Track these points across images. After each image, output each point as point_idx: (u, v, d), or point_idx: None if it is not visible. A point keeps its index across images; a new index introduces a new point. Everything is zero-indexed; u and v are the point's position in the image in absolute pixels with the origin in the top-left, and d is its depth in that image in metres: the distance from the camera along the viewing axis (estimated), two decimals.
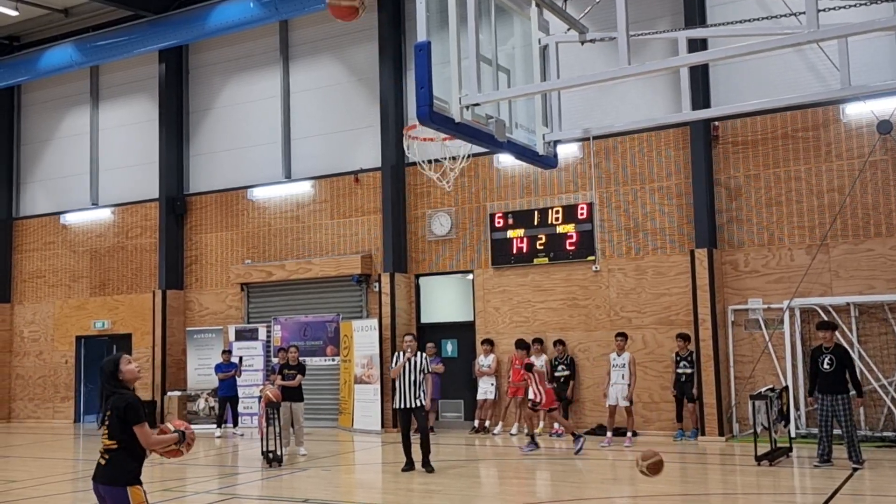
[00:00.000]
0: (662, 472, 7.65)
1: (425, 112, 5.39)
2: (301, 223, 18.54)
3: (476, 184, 16.78)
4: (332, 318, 17.73)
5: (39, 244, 22.18)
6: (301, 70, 18.93)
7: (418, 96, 5.38)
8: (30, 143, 22.66)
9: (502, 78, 6.43)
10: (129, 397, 5.40)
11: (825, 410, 11.02)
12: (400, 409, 11.74)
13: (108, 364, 5.49)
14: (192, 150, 20.21)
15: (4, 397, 22.08)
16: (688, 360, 14.24)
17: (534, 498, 10.03)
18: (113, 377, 5.45)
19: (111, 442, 5.34)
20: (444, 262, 16.98)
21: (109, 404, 5.38)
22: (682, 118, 10.34)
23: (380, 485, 11.72)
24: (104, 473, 5.35)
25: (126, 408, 5.31)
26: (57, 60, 20.10)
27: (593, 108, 15.29)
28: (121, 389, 5.43)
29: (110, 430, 5.36)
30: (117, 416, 5.32)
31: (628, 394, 14.03)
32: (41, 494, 10.94)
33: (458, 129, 5.69)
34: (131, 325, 20.50)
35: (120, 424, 5.32)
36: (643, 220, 15.26)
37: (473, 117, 5.89)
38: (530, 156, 6.67)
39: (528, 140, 6.70)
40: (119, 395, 5.39)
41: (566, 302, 15.72)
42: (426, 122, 5.42)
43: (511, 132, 6.47)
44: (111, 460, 5.35)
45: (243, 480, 12.06)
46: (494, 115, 6.14)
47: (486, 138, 6.02)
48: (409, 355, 11.76)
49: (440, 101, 5.50)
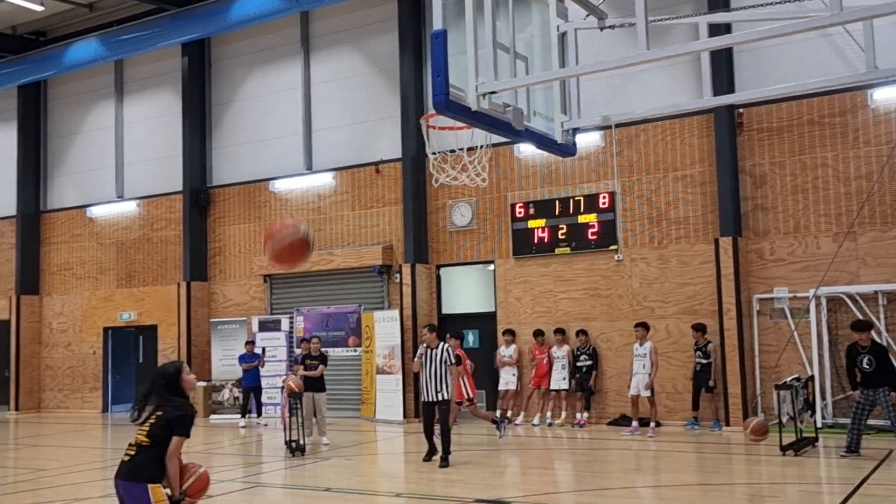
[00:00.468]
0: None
1: (441, 101, 5.37)
2: (322, 214, 18.60)
3: (497, 174, 16.70)
4: (354, 309, 17.78)
5: (67, 237, 22.44)
6: (322, 61, 18.95)
7: (434, 85, 5.37)
8: (56, 138, 22.90)
9: (520, 66, 6.39)
10: (187, 409, 5.38)
11: (866, 402, 10.93)
12: (424, 402, 11.66)
13: (170, 370, 5.48)
14: (215, 143, 20.32)
15: (34, 388, 22.40)
16: (703, 350, 14.20)
17: (556, 487, 10.01)
18: (174, 384, 5.43)
19: (147, 439, 5.30)
20: (466, 253, 16.96)
21: (161, 409, 5.33)
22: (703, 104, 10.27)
23: (401, 474, 11.76)
24: (127, 468, 5.29)
25: (180, 418, 5.29)
26: (82, 55, 20.27)
27: (616, 96, 15.17)
28: (178, 398, 5.41)
29: (151, 430, 5.31)
30: (166, 422, 5.28)
31: (648, 382, 13.95)
32: (69, 483, 11.09)
33: (474, 117, 5.67)
34: (157, 316, 20.69)
35: (165, 430, 5.28)
36: (666, 209, 15.13)
37: (490, 106, 5.86)
38: (549, 144, 6.62)
39: (546, 128, 6.66)
40: (177, 403, 5.35)
41: (588, 292, 15.65)
42: (442, 110, 5.40)
43: (529, 120, 6.44)
44: (138, 456, 5.29)
45: (267, 469, 12.14)
46: (512, 104, 6.10)
47: (503, 127, 5.99)
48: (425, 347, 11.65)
49: (456, 90, 5.48)
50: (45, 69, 21.12)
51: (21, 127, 22.65)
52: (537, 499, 9.07)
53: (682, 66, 14.79)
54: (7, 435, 18.21)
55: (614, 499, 9.02)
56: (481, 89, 5.55)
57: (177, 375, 5.46)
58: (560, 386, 15.35)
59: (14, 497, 10.57)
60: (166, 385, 5.41)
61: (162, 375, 5.46)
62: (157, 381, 5.43)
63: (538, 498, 9.12)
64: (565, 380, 15.30)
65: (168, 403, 5.35)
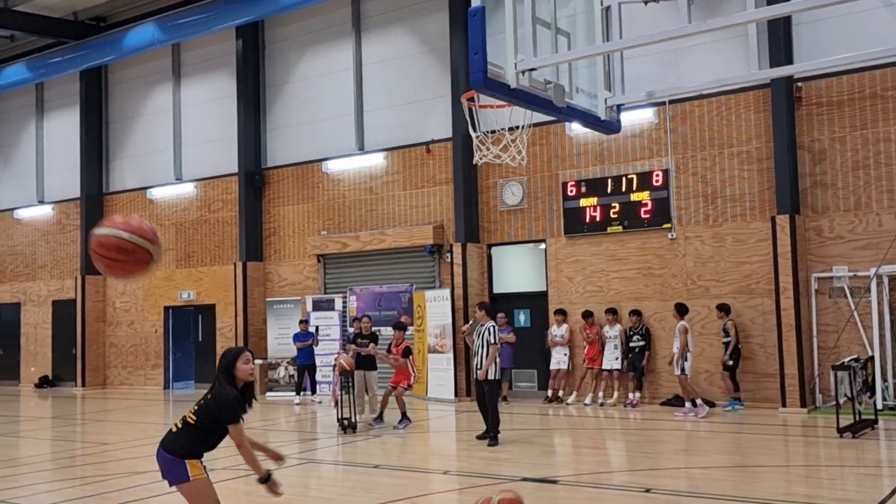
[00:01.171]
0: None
1: (479, 78, 5.33)
2: (374, 194, 18.71)
3: (548, 152, 16.58)
4: (406, 289, 17.89)
5: None
6: (373, 41, 18.99)
7: (472, 62, 5.33)
8: (117, 121, 23.44)
9: (562, 42, 6.29)
10: (228, 398, 5.27)
11: None
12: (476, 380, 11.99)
13: (228, 356, 5.42)
14: (269, 125, 20.56)
15: (100, 365, 23.11)
16: (723, 330, 14.24)
17: (605, 468, 9.97)
18: (227, 371, 5.36)
19: (194, 417, 5.32)
20: (517, 232, 16.89)
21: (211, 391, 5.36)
22: (757, 77, 9.97)
23: (450, 452, 11.84)
24: (169, 438, 5.33)
25: (220, 408, 5.25)
26: (140, 39, 20.67)
27: (669, 72, 14.89)
28: (226, 386, 5.31)
29: (199, 410, 5.33)
30: (212, 408, 5.28)
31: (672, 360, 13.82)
32: (131, 456, 11.44)
33: (513, 95, 5.62)
34: (215, 295, 21.13)
35: (208, 414, 5.29)
36: (721, 187, 14.84)
37: (531, 83, 5.80)
38: (592, 121, 6.53)
39: (589, 105, 6.57)
40: (224, 391, 5.28)
41: (641, 271, 15.46)
42: (480, 88, 5.37)
43: (572, 97, 6.35)
44: (182, 431, 5.32)
45: (319, 446, 12.34)
46: (553, 81, 6.03)
47: (544, 104, 5.93)
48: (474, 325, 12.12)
49: (495, 67, 5.43)
50: (105, 54, 21.60)
51: (84, 111, 23.24)
52: (585, 478, 9.05)
53: (738, 41, 14.41)
54: (74, 410, 18.86)
55: (664, 479, 8.94)
56: (520, 66, 5.50)
57: (232, 361, 5.39)
58: (612, 366, 15.25)
59: (81, 469, 10.97)
60: (222, 370, 5.38)
61: (222, 357, 5.45)
62: (219, 362, 5.45)
63: (586, 477, 9.10)
64: (618, 360, 15.20)
65: (218, 388, 5.32)
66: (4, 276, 25.74)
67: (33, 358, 24.80)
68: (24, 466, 11.00)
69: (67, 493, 9.16)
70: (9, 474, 10.28)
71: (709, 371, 14.68)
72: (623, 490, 8.34)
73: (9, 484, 9.62)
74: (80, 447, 13.27)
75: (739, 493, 7.99)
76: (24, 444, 13.64)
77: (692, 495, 7.92)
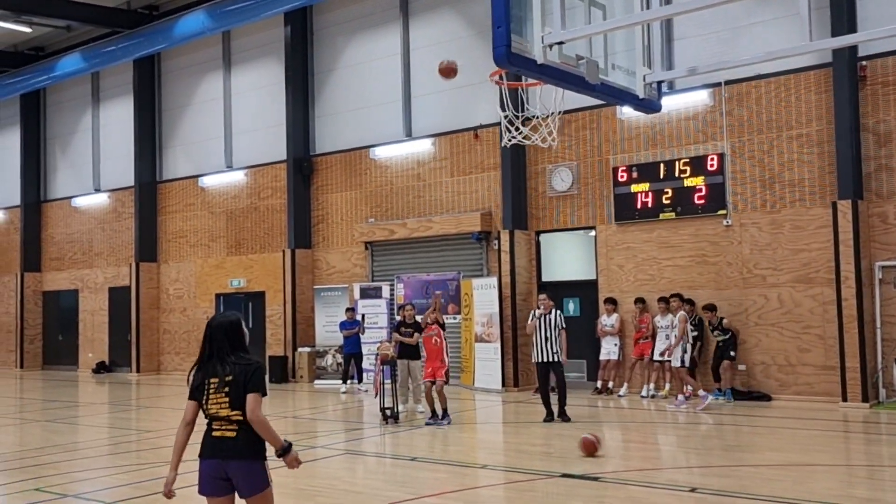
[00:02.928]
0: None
1: (502, 52, 5.02)
2: (422, 181, 18.46)
3: (598, 136, 16.10)
4: (454, 276, 17.62)
5: (181, 206, 23.21)
6: (420, 26, 18.70)
7: (495, 37, 5.01)
8: (170, 110, 23.64)
9: (597, 15, 5.93)
10: (257, 363, 4.78)
11: None
12: (538, 363, 12.53)
13: (233, 321, 4.83)
14: (318, 111, 20.47)
15: (154, 351, 23.42)
16: (719, 328, 14.14)
17: (651, 464, 9.57)
18: (240, 338, 4.81)
19: (236, 412, 4.66)
20: (566, 219, 16.47)
21: (230, 369, 4.69)
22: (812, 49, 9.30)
23: (492, 445, 11.57)
24: (235, 448, 4.66)
25: (254, 373, 4.68)
26: (190, 27, 20.74)
27: (726, 52, 14.30)
28: (245, 354, 4.80)
29: (232, 400, 4.67)
30: (243, 381, 4.66)
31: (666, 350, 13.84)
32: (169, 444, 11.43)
33: (541, 71, 5.29)
34: (264, 283, 21.18)
35: (245, 390, 4.65)
36: (780, 171, 14.19)
37: (561, 58, 5.45)
38: (629, 100, 6.16)
39: (627, 83, 6.18)
40: (245, 360, 4.74)
41: (695, 259, 14.92)
42: (503, 63, 5.05)
43: (607, 74, 5.98)
44: (241, 432, 4.67)
45: (358, 437, 12.18)
46: (586, 56, 5.67)
47: (575, 81, 5.57)
48: (542, 312, 12.47)
49: (519, 42, 5.10)
50: (157, 43, 21.74)
51: (137, 100, 23.49)
52: (629, 475, 8.68)
53: (799, 18, 13.69)
54: (124, 396, 19.13)
55: (712, 478, 8.53)
56: (547, 40, 5.15)
57: (241, 327, 4.85)
58: (664, 357, 14.74)
59: (121, 457, 11.02)
60: (232, 338, 4.77)
61: (221, 327, 4.78)
62: (219, 333, 4.76)
63: (630, 474, 8.73)
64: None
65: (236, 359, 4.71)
66: (63, 263, 26.28)
67: (91, 344, 25.28)
68: (65, 453, 11.08)
69: (99, 483, 9.16)
70: (48, 461, 10.35)
71: (764, 363, 14.09)
72: (666, 489, 7.95)
73: (45, 472, 9.67)
74: (121, 434, 13.36)
75: (791, 493, 7.54)
76: (71, 429, 13.79)
77: (739, 495, 7.49)
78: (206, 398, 4.74)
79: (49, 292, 26.72)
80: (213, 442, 4.72)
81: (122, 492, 8.56)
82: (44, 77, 24.38)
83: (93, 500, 8.14)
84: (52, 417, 15.18)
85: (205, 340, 4.83)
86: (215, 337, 4.78)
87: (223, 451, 4.68)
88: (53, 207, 26.64)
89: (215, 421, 4.72)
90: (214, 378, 4.71)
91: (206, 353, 4.79)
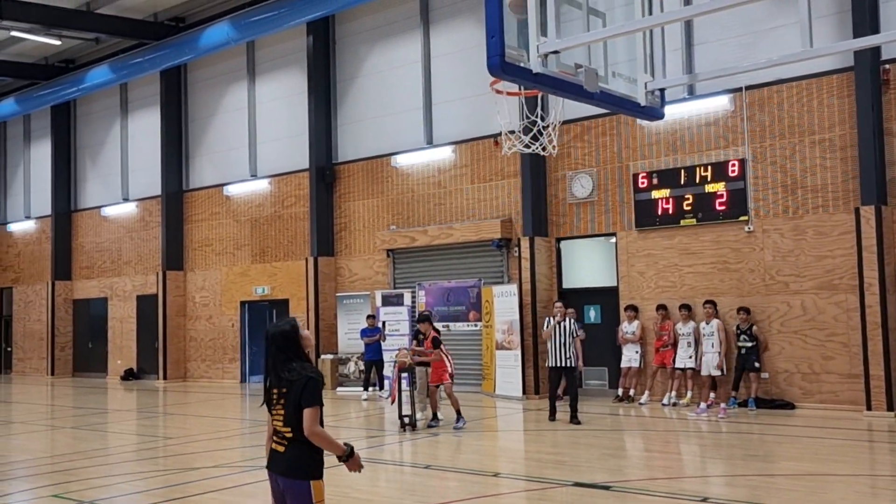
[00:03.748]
0: None
1: (497, 62, 5.01)
2: (442, 188, 18.49)
3: (618, 142, 16.02)
4: (474, 284, 17.62)
5: (206, 214, 23.47)
6: (441, 34, 18.76)
7: (489, 46, 5.01)
8: (196, 120, 23.93)
9: (596, 23, 5.90)
10: (312, 372, 4.55)
11: None
12: (552, 367, 13.26)
13: (286, 330, 4.63)
14: (340, 120, 20.59)
15: (181, 358, 23.68)
16: (748, 333, 13.82)
17: (664, 473, 9.48)
18: (296, 343, 4.61)
19: (287, 428, 4.54)
20: (586, 225, 16.40)
21: (287, 379, 4.54)
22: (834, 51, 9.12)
23: (506, 453, 11.52)
24: (283, 463, 4.59)
25: (305, 386, 4.48)
26: (215, 38, 21.00)
27: (746, 57, 14.16)
28: (302, 361, 4.60)
29: (286, 415, 4.54)
30: (295, 396, 4.50)
31: (719, 362, 13.65)
32: (187, 451, 11.57)
33: (537, 80, 5.27)
34: (288, 290, 21.32)
35: (296, 406, 4.49)
36: (802, 176, 14.02)
37: (558, 67, 5.43)
38: (630, 108, 6.11)
39: (628, 90, 6.14)
40: (300, 367, 4.55)
41: (716, 265, 14.77)
42: (498, 73, 5.05)
43: (607, 82, 5.95)
44: (291, 448, 4.56)
45: (376, 444, 12.20)
46: (585, 64, 5.65)
47: (573, 89, 5.54)
48: (558, 319, 13.13)
49: (514, 51, 5.09)
50: (183, 54, 22.04)
51: (164, 111, 23.81)
52: (640, 484, 8.61)
53: (823, 22, 13.55)
54: (151, 403, 19.34)
55: (724, 487, 8.43)
56: (542, 49, 5.14)
57: (294, 333, 4.63)
58: (685, 364, 14.62)
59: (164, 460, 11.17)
60: (289, 344, 4.59)
61: (281, 334, 4.60)
62: (276, 341, 4.59)
63: (642, 483, 8.66)
64: (691, 358, 14.55)
65: (289, 374, 4.54)
66: (93, 271, 26.69)
67: (119, 351, 25.63)
68: (87, 460, 11.23)
69: (115, 490, 9.27)
70: (70, 468, 10.50)
71: (787, 371, 13.91)
72: (677, 498, 7.87)
73: (66, 478, 9.81)
74: (144, 441, 13.51)
75: None
76: (96, 436, 13.99)
77: None
78: (272, 410, 4.67)
79: (79, 300, 27.15)
80: (271, 453, 4.70)
81: (137, 499, 8.67)
82: (73, 89, 24.83)
83: None
84: (79, 424, 15.42)
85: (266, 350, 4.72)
86: (270, 348, 4.65)
87: (275, 463, 4.66)
88: (83, 217, 27.08)
89: (276, 433, 4.67)
90: (275, 389, 4.64)
91: (267, 363, 4.68)
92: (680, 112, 15.03)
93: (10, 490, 9.40)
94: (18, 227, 29.50)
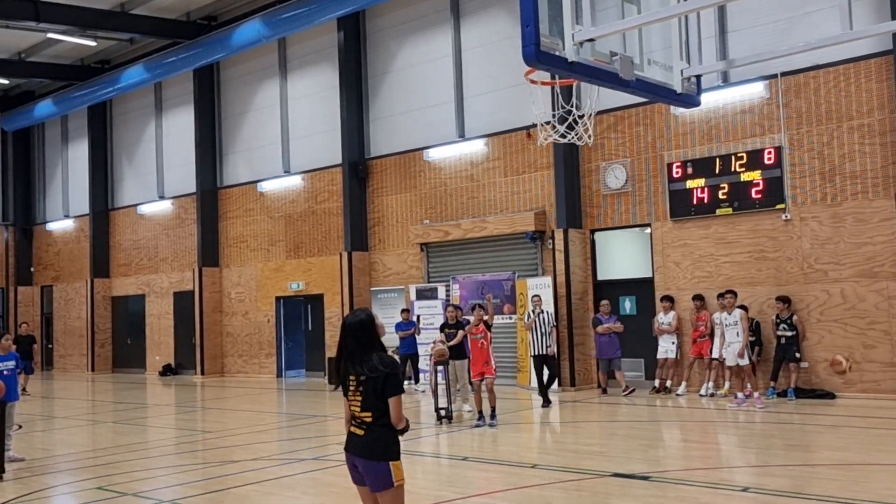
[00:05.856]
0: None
1: (532, 52, 5.01)
2: (475, 182, 18.48)
3: (651, 132, 15.90)
4: (508, 277, 17.60)
5: (241, 211, 23.69)
6: (472, 26, 18.73)
7: (524, 35, 5.01)
8: (229, 117, 24.15)
9: (631, 11, 5.86)
10: (391, 363, 4.75)
11: None
12: (534, 355, 14.67)
13: (362, 320, 4.79)
14: (372, 115, 20.66)
15: (217, 353, 23.95)
16: (788, 322, 13.65)
17: (704, 463, 9.40)
18: (371, 336, 4.78)
19: (366, 413, 4.74)
20: (621, 216, 16.30)
21: (363, 367, 4.73)
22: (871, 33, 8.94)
23: (544, 445, 11.52)
24: (362, 446, 4.77)
25: (387, 377, 4.69)
26: (247, 36, 21.18)
27: (781, 41, 13.98)
28: (379, 351, 4.78)
29: (364, 400, 4.73)
30: (375, 385, 4.70)
31: (741, 350, 13.29)
32: (226, 445, 11.70)
33: (572, 69, 5.26)
34: (323, 285, 21.46)
35: (378, 398, 4.71)
36: (840, 163, 13.81)
37: (594, 55, 5.42)
38: (666, 95, 6.08)
39: (664, 78, 6.10)
40: (378, 358, 4.74)
41: (753, 255, 14.61)
42: (533, 62, 5.05)
43: (643, 70, 5.91)
44: (370, 432, 4.75)
45: (413, 437, 12.22)
46: (620, 52, 5.62)
47: (608, 78, 5.53)
48: (538, 311, 14.56)
49: (549, 39, 5.08)
50: (215, 52, 22.26)
51: (198, 109, 24.06)
52: (680, 474, 8.55)
53: (860, 4, 13.34)
54: (189, 397, 19.59)
55: (766, 477, 8.34)
56: (577, 37, 5.12)
57: (371, 323, 4.80)
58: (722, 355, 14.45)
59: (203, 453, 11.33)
60: (366, 334, 4.76)
61: (360, 324, 4.76)
62: (354, 331, 4.76)
63: (681, 473, 8.60)
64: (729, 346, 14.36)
65: (368, 364, 4.72)
66: (130, 269, 27.09)
67: (157, 347, 26.00)
68: (129, 453, 11.41)
69: (158, 482, 9.41)
70: (112, 461, 10.68)
71: (828, 360, 13.71)
72: (718, 488, 7.81)
73: (109, 471, 9.98)
74: (183, 434, 13.70)
75: (845, 493, 7.33)
76: (136, 430, 14.20)
77: (791, 495, 7.32)
78: (348, 395, 4.86)
79: (117, 297, 27.58)
80: (349, 436, 4.89)
81: (179, 490, 8.80)
82: (109, 89, 25.20)
83: (151, 499, 8.37)
84: (119, 419, 15.67)
85: (340, 338, 4.89)
86: (346, 338, 4.82)
87: (354, 446, 4.84)
88: (120, 215, 27.48)
89: (353, 417, 4.85)
90: (352, 377, 4.81)
91: (343, 352, 4.85)
92: (714, 100, 14.86)
93: (54, 483, 9.58)
94: (57, 227, 30.02)
